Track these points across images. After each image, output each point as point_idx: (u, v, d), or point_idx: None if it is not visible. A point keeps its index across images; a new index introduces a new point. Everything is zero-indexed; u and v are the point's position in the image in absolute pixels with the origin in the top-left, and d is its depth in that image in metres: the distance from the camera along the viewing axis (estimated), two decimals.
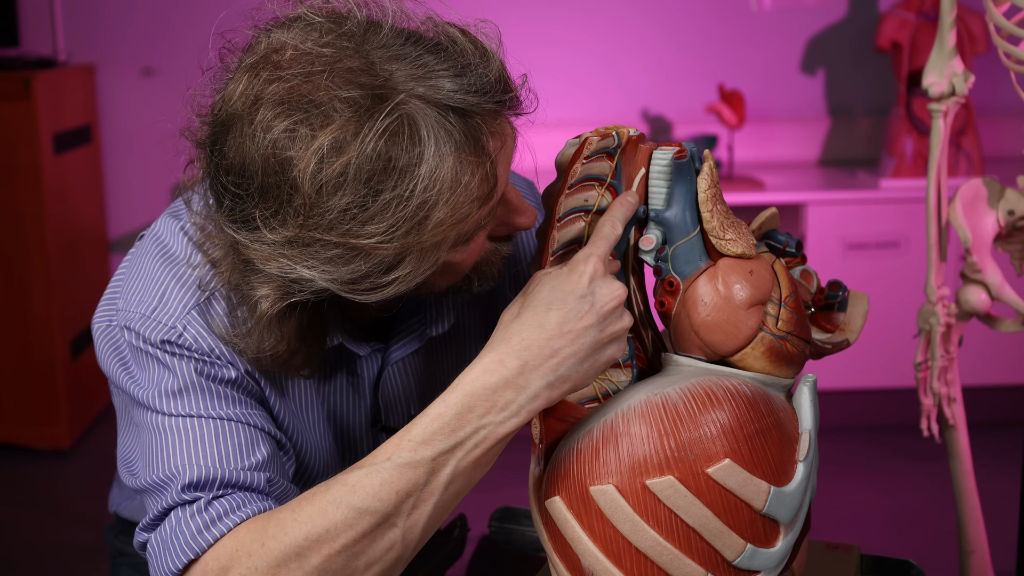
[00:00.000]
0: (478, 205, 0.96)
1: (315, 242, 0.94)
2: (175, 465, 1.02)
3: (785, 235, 1.10)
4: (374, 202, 0.92)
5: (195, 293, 1.06)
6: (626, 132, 1.04)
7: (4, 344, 3.47)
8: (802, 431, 0.99)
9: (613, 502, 0.94)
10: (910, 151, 3.41)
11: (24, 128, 3.37)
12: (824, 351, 1.11)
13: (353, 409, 1.18)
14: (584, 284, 0.97)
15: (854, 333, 1.13)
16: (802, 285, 1.09)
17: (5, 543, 2.93)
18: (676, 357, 1.03)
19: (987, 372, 3.36)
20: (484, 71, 0.96)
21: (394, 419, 1.20)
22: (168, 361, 1.05)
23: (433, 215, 0.94)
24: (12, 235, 3.41)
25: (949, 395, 1.69)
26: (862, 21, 3.70)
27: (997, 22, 1.54)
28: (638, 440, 0.94)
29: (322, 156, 0.91)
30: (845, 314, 1.14)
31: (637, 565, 0.94)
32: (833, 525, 2.83)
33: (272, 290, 0.98)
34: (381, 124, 0.91)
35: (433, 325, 1.18)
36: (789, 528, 0.97)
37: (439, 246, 0.97)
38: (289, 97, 0.93)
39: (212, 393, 1.05)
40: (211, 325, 1.05)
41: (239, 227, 0.97)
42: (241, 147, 0.94)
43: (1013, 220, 1.64)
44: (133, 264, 1.12)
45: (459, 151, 0.94)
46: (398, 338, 1.17)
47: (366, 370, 1.17)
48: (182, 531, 0.99)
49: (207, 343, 1.05)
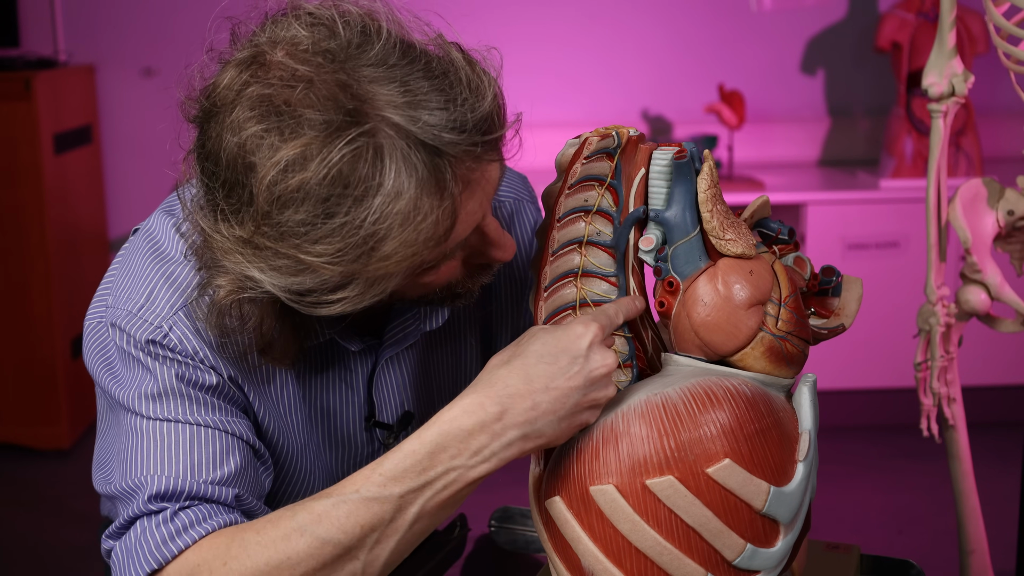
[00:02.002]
0: (432, 245, 0.95)
1: (266, 248, 0.94)
2: (145, 473, 1.02)
3: (777, 222, 1.09)
4: (325, 224, 0.92)
5: (183, 293, 1.06)
6: (626, 132, 1.04)
7: (4, 344, 3.47)
8: (802, 431, 0.99)
9: (613, 502, 0.94)
10: (910, 151, 3.41)
11: (24, 128, 3.37)
12: (820, 336, 1.12)
13: (346, 406, 1.18)
14: (580, 346, 0.97)
15: (849, 317, 1.13)
16: (796, 272, 1.09)
17: (5, 543, 2.93)
18: (676, 357, 1.03)
19: (987, 372, 3.36)
20: (472, 106, 0.94)
21: (387, 415, 1.20)
22: (150, 364, 1.05)
23: (381, 247, 0.93)
24: (12, 235, 3.41)
25: (949, 395, 1.69)
26: (862, 21, 3.70)
27: (997, 22, 1.54)
28: (638, 440, 0.94)
29: (282, 169, 0.91)
30: (839, 299, 1.14)
31: (637, 565, 0.94)
32: (833, 525, 2.83)
33: (228, 282, 0.99)
34: (347, 148, 0.91)
35: (427, 320, 1.17)
36: (789, 528, 0.97)
37: (388, 277, 0.96)
38: (266, 100, 0.92)
39: (191, 399, 1.05)
40: (198, 327, 1.05)
41: (206, 213, 0.97)
42: (219, 137, 0.95)
43: (1013, 220, 1.64)
44: (125, 261, 1.12)
45: (420, 187, 0.92)
46: (392, 334, 1.16)
47: (360, 366, 1.16)
48: (147, 540, 0.99)
49: (192, 345, 1.05)
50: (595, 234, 1.05)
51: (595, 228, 1.05)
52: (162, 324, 1.05)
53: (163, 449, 1.03)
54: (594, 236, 1.05)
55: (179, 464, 1.03)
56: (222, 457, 1.04)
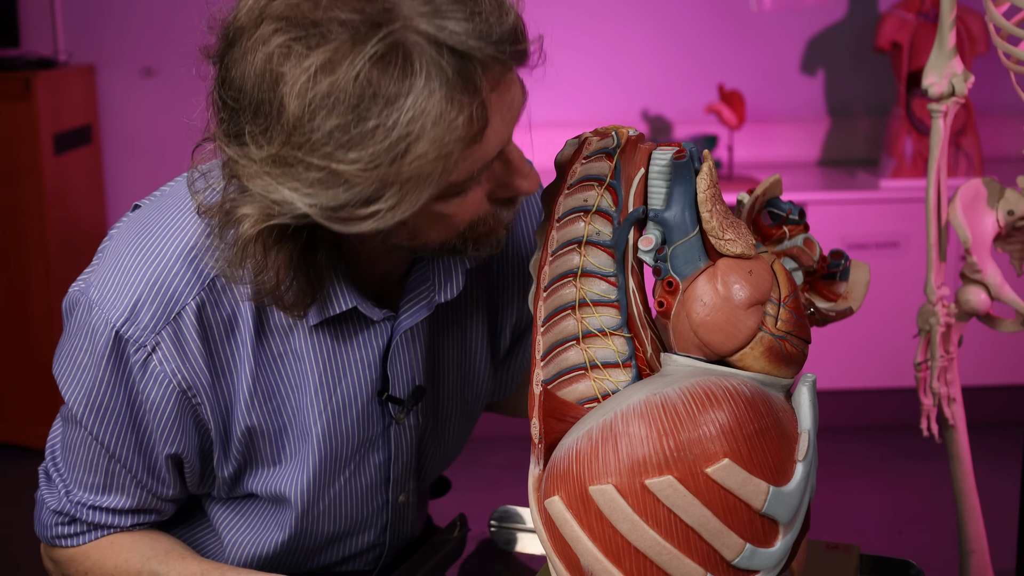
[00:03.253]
0: (463, 145, 0.95)
1: (298, 163, 0.93)
2: (61, 472, 1.21)
3: (788, 203, 1.09)
4: (357, 128, 0.91)
5: (171, 300, 1.09)
6: (625, 132, 1.04)
7: (4, 344, 3.47)
8: (801, 431, 0.99)
9: (612, 502, 0.94)
10: (910, 151, 3.41)
11: (24, 128, 3.37)
12: (828, 319, 1.12)
13: (361, 380, 1.18)
14: None
15: (857, 301, 1.14)
16: (804, 252, 1.10)
17: (5, 543, 2.93)
18: (675, 357, 1.03)
19: (987, 372, 3.36)
20: (496, 20, 0.94)
21: (399, 390, 1.20)
22: (104, 371, 1.11)
23: (414, 148, 0.92)
24: (12, 235, 3.41)
25: (949, 395, 1.69)
26: (862, 21, 3.70)
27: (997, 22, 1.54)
28: (637, 440, 0.94)
29: (311, 75, 0.90)
30: (847, 283, 1.14)
31: (636, 565, 0.94)
32: (833, 525, 2.83)
33: (255, 210, 0.98)
34: (373, 50, 0.90)
35: (441, 291, 1.17)
36: (788, 528, 0.97)
37: (421, 183, 0.95)
38: (291, 14, 0.92)
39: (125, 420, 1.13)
40: (181, 342, 1.09)
41: (231, 141, 0.97)
42: (242, 60, 0.94)
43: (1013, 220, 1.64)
44: (114, 249, 1.14)
45: (449, 88, 0.92)
46: (408, 305, 1.16)
47: (375, 340, 1.16)
48: (45, 519, 1.22)
49: (170, 367, 1.10)
50: (594, 234, 1.05)
51: (594, 228, 1.05)
52: (146, 343, 1.09)
53: (76, 466, 1.18)
54: (593, 236, 1.05)
55: (77, 477, 1.18)
56: (112, 490, 1.18)
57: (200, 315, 1.10)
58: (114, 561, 1.20)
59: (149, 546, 1.20)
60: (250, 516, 1.24)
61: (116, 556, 1.20)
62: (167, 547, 1.20)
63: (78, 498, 1.19)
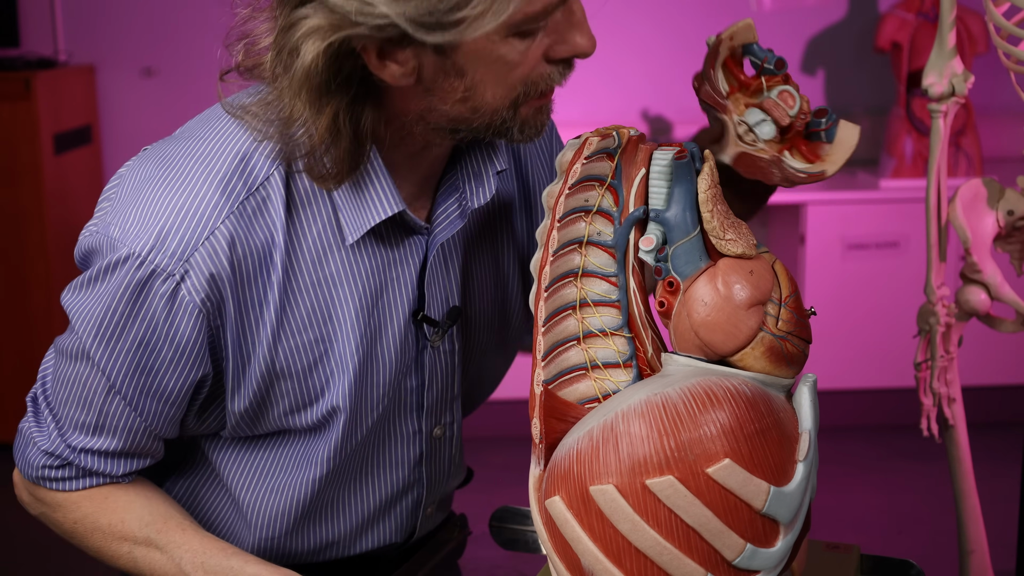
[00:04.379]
0: None
1: None
2: (51, 400, 1.19)
3: (766, 51, 1.04)
4: None
5: (201, 219, 1.06)
6: (626, 132, 1.04)
7: (4, 344, 3.47)
8: (802, 431, 0.99)
9: (613, 502, 0.94)
10: (910, 151, 3.41)
11: (24, 128, 3.37)
12: (797, 180, 1.07)
13: (398, 300, 1.16)
14: None
15: (833, 165, 1.07)
16: (778, 106, 1.05)
17: (5, 543, 2.93)
18: (676, 357, 1.03)
19: (987, 372, 3.36)
20: None
21: (434, 311, 1.18)
22: (124, 307, 1.08)
23: None
24: (12, 235, 3.41)
25: (949, 395, 1.69)
26: (862, 21, 3.70)
27: (997, 22, 1.54)
28: (638, 440, 0.94)
29: None
30: (831, 145, 1.08)
31: (637, 565, 0.94)
32: (833, 525, 2.83)
33: (324, 20, 0.96)
34: None
35: (474, 196, 1.16)
36: (789, 528, 0.97)
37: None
38: None
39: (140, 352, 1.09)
40: (213, 264, 1.06)
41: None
42: None
43: (1013, 220, 1.64)
44: (130, 183, 1.12)
45: None
46: (441, 216, 1.16)
47: (413, 256, 1.16)
48: (32, 458, 1.19)
49: (201, 294, 1.07)
50: (595, 234, 1.05)
51: (595, 228, 1.05)
52: (174, 272, 1.06)
53: (72, 404, 1.15)
54: (594, 236, 1.05)
55: (69, 414, 1.16)
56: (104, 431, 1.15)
57: (233, 240, 1.07)
58: (108, 519, 1.17)
59: (147, 507, 1.17)
60: (274, 459, 1.20)
61: (111, 514, 1.17)
62: (165, 512, 1.17)
63: (71, 440, 1.16)
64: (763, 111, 1.10)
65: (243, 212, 1.07)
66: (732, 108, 1.13)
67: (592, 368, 1.05)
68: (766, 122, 1.09)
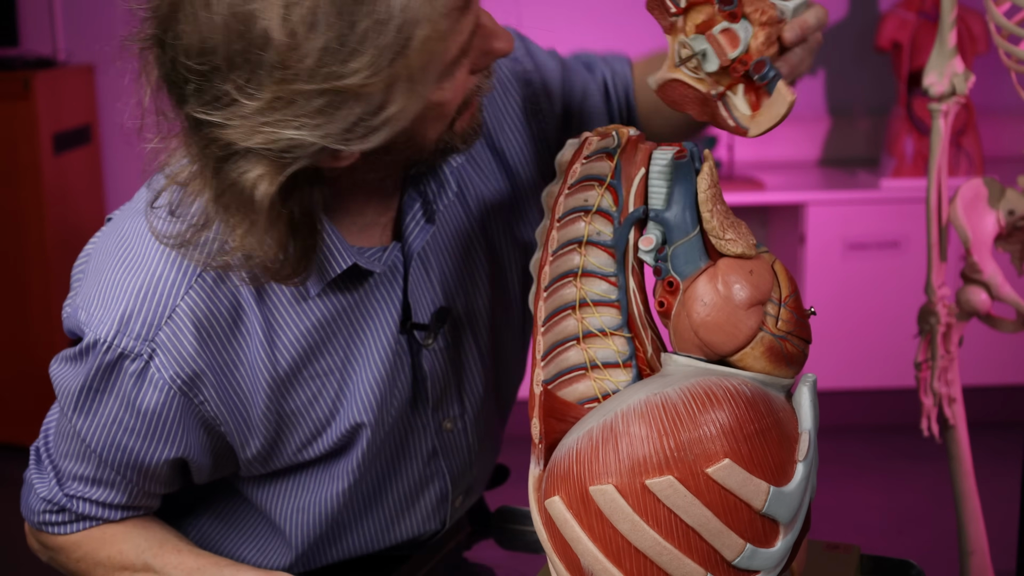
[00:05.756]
0: (457, 16, 0.93)
1: (298, 96, 0.89)
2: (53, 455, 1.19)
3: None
4: (351, 34, 0.88)
5: (161, 301, 1.07)
6: (626, 132, 1.04)
7: (4, 344, 3.47)
8: (802, 431, 0.99)
9: (613, 502, 0.94)
10: (910, 151, 3.41)
11: (24, 128, 3.37)
12: (723, 125, 1.04)
13: (384, 320, 1.16)
14: None
15: (757, 127, 1.03)
16: (717, 44, 1.02)
17: (5, 543, 2.93)
18: (676, 357, 1.03)
19: (987, 372, 3.36)
20: None
21: (421, 315, 1.19)
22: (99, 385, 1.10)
23: (416, 34, 0.89)
24: (12, 235, 3.41)
25: (949, 395, 1.69)
26: (862, 21, 3.70)
27: (997, 22, 1.54)
28: (638, 440, 0.94)
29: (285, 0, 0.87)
30: (768, 102, 1.04)
31: (637, 565, 0.94)
32: (833, 525, 2.83)
33: (266, 168, 0.93)
34: None
35: (436, 199, 1.16)
36: (789, 528, 0.97)
37: (426, 70, 0.92)
38: None
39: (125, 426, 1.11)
40: (178, 336, 1.07)
41: (211, 109, 0.92)
42: (195, 22, 0.90)
43: (1013, 220, 1.64)
44: (94, 264, 1.14)
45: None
46: (411, 227, 1.15)
47: (391, 273, 1.16)
48: (33, 504, 1.21)
49: (170, 372, 1.08)
50: (595, 234, 1.05)
51: (595, 228, 1.05)
52: (142, 352, 1.07)
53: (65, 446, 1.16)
54: (594, 236, 1.05)
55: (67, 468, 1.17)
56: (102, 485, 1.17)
57: (195, 314, 1.07)
58: (107, 553, 1.19)
59: (143, 536, 1.19)
60: (299, 481, 1.21)
61: (109, 547, 1.19)
62: (161, 537, 1.19)
63: (69, 489, 1.18)
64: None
65: (203, 284, 1.07)
66: (680, 27, 1.10)
67: (592, 368, 1.05)
68: (711, 53, 1.03)
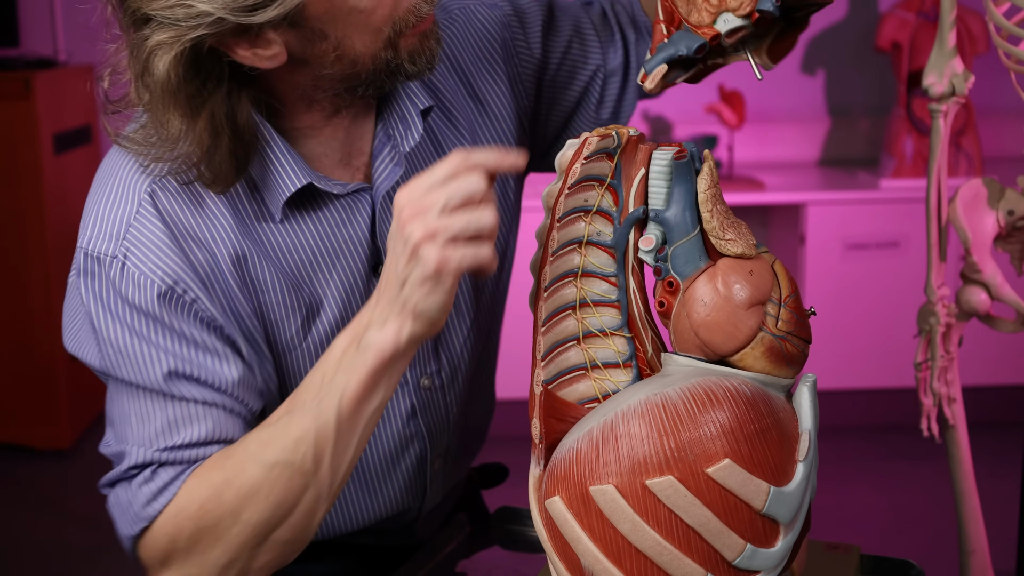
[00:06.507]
0: None
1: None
2: (124, 440, 1.11)
3: None
4: None
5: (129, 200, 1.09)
6: (626, 132, 1.04)
7: (4, 344, 3.47)
8: (802, 431, 0.99)
9: (613, 502, 0.94)
10: (910, 151, 3.41)
11: (24, 128, 3.37)
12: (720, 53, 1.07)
13: (353, 256, 1.18)
14: (437, 175, 0.98)
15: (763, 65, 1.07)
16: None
17: (5, 543, 2.93)
18: (676, 357, 1.03)
19: (987, 372, 3.36)
20: None
21: None
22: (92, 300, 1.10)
23: None
24: (12, 235, 3.42)
25: (949, 395, 1.69)
26: (862, 21, 3.70)
27: (997, 22, 1.54)
28: (638, 440, 0.94)
29: None
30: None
31: (637, 565, 0.94)
32: (833, 525, 2.83)
33: (165, 35, 0.99)
34: None
35: (403, 141, 1.17)
36: (789, 528, 0.97)
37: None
38: None
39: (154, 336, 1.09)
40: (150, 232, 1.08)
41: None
42: None
43: (1013, 220, 1.64)
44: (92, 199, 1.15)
45: None
46: (380, 169, 1.17)
47: (359, 215, 1.17)
48: (132, 502, 1.09)
49: (149, 264, 1.08)
50: (595, 234, 1.05)
51: (595, 228, 1.05)
52: (116, 253, 1.08)
53: (139, 418, 1.11)
54: (594, 236, 1.05)
55: (152, 432, 1.09)
56: (180, 424, 1.10)
57: (160, 211, 1.09)
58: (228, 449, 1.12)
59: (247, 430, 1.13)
60: None
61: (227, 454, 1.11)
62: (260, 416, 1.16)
63: (160, 444, 1.10)
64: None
65: (167, 185, 1.10)
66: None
67: (592, 368, 1.05)
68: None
